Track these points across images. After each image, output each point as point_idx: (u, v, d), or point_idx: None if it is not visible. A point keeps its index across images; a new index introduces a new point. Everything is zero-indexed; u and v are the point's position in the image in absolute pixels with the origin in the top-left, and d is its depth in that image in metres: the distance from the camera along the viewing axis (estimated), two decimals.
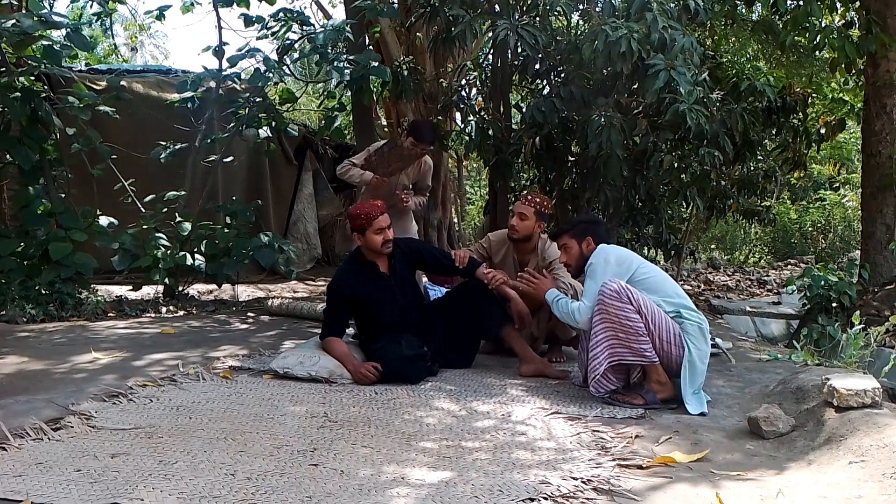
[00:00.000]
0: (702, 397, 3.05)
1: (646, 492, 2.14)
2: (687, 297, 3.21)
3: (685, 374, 3.01)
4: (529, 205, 3.94)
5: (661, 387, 3.06)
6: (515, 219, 3.95)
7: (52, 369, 3.46)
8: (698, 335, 3.06)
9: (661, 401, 3.04)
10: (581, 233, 3.35)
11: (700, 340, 3.06)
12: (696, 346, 3.04)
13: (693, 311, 3.13)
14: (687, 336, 3.05)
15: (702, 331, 3.08)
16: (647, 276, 3.17)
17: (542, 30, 5.52)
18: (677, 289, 3.22)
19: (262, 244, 5.86)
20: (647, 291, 3.09)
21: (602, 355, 3.00)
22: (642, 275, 3.16)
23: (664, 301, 3.11)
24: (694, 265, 10.95)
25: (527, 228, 3.93)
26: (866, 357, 3.44)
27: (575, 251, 3.35)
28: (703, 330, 3.09)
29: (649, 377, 3.07)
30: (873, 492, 2.02)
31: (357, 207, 3.68)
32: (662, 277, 3.24)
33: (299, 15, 5.94)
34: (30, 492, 2.01)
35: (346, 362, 3.41)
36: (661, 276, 3.25)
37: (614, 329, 2.98)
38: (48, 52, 5.18)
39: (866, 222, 6.93)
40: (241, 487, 2.08)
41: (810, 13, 6.18)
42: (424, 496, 2.05)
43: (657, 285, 3.16)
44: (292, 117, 8.34)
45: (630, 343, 2.98)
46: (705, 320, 3.15)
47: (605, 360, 3.00)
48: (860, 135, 7.74)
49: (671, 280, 3.28)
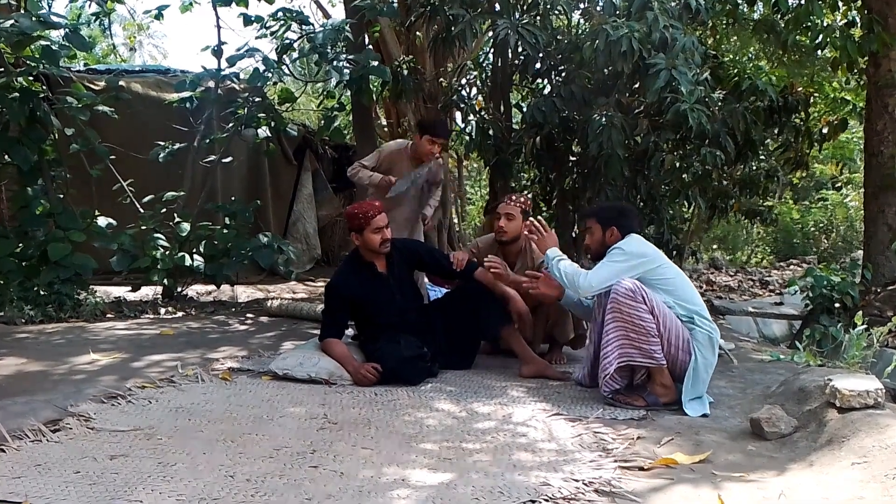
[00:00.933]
0: (703, 401, 3.03)
1: (647, 493, 2.13)
2: (703, 306, 3.18)
3: (688, 382, 3.00)
4: (515, 205, 3.92)
5: (664, 390, 3.04)
6: (503, 221, 3.92)
7: (50, 370, 3.45)
8: (707, 345, 3.04)
9: (663, 404, 3.02)
10: (607, 221, 3.27)
11: (708, 350, 3.03)
12: (703, 354, 3.01)
13: (706, 320, 3.09)
14: (696, 344, 3.03)
15: (711, 341, 3.05)
16: (666, 277, 3.12)
17: (542, 29, 5.51)
18: (695, 295, 3.18)
19: (262, 245, 5.85)
20: (664, 293, 3.06)
21: (612, 355, 2.98)
22: (660, 275, 3.11)
23: (679, 304, 3.07)
24: (696, 265, 10.94)
25: (515, 229, 3.92)
26: (869, 358, 3.42)
27: (598, 237, 3.28)
28: (713, 340, 3.06)
29: (654, 379, 3.06)
30: (875, 493, 2.01)
31: (355, 207, 3.67)
32: (682, 280, 3.19)
33: (298, 14, 5.93)
34: (28, 493, 2.00)
35: (345, 363, 3.40)
36: (681, 278, 3.19)
37: (626, 329, 2.96)
38: (47, 53, 5.17)
39: (868, 222, 6.91)
40: (240, 489, 2.07)
41: (812, 12, 6.17)
42: (425, 498, 2.03)
43: (675, 288, 3.11)
44: (292, 117, 8.33)
45: (640, 344, 2.95)
46: (717, 330, 3.12)
47: (615, 361, 2.98)
48: (862, 134, 7.74)
49: (691, 285, 3.24)
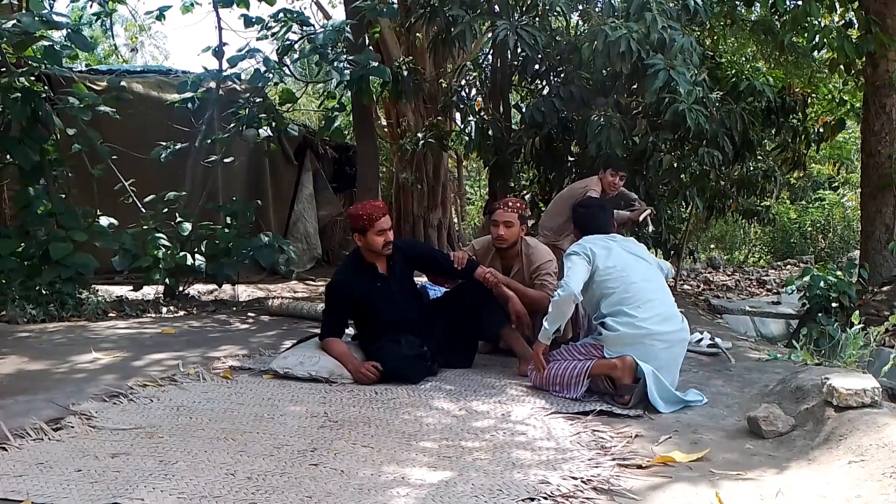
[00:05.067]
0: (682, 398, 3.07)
1: (645, 491, 2.14)
2: (630, 300, 3.15)
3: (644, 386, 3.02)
4: (513, 211, 3.91)
5: (617, 371, 3.05)
6: (502, 228, 3.88)
7: (52, 369, 3.46)
8: (617, 344, 3.09)
9: (633, 383, 3.03)
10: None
11: (621, 348, 3.07)
12: (615, 354, 3.08)
13: (625, 317, 3.10)
14: (606, 350, 3.11)
15: (621, 338, 3.08)
16: (608, 277, 3.21)
17: (541, 30, 5.53)
18: (636, 292, 3.18)
19: (263, 244, 5.86)
20: (604, 289, 3.18)
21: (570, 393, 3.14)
22: (605, 274, 3.21)
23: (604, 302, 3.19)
24: (693, 265, 10.97)
25: (514, 235, 3.92)
26: (866, 357, 3.45)
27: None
28: (626, 335, 3.07)
29: (608, 374, 3.10)
30: (873, 491, 2.02)
31: (358, 208, 3.65)
32: (623, 276, 3.21)
33: (299, 15, 5.94)
34: (30, 492, 2.01)
35: (346, 362, 3.41)
36: (623, 273, 3.22)
37: (549, 383, 3.22)
38: (48, 53, 5.18)
39: (865, 222, 6.93)
40: (241, 487, 2.08)
41: (809, 13, 6.19)
42: (424, 496, 2.05)
43: (612, 285, 3.20)
44: (292, 117, 8.34)
45: (564, 377, 3.16)
46: (640, 325, 3.09)
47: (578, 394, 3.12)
48: (859, 134, 7.75)
49: (636, 281, 3.22)
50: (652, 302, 3.17)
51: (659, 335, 3.10)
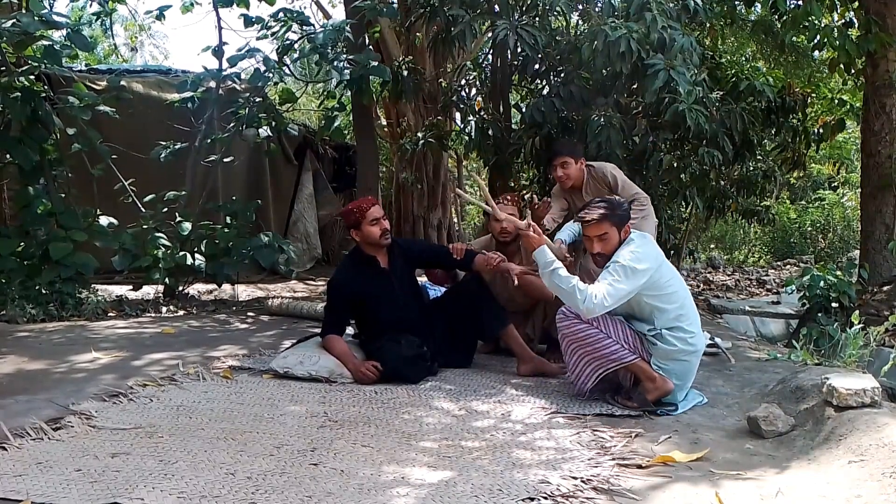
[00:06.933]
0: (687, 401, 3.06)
1: (645, 491, 2.14)
2: (686, 316, 3.06)
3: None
4: (512, 204, 3.94)
5: (652, 384, 2.99)
6: (505, 223, 3.90)
7: (52, 369, 3.46)
8: (667, 358, 3.00)
9: (653, 403, 2.99)
10: (622, 219, 3.04)
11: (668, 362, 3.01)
12: (662, 366, 3.01)
13: (682, 333, 3.00)
14: (654, 360, 3.01)
15: (675, 353, 2.99)
16: (664, 293, 3.03)
17: (541, 30, 5.53)
18: (689, 308, 3.09)
19: (262, 244, 5.86)
20: (661, 303, 3.01)
21: (584, 374, 3.04)
22: (659, 290, 3.02)
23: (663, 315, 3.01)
24: (693, 265, 10.98)
25: (514, 228, 3.92)
26: (865, 356, 3.45)
27: (614, 242, 3.03)
28: (681, 352, 3.00)
29: (640, 377, 3.03)
30: (873, 491, 2.02)
31: (349, 205, 3.75)
32: (679, 292, 3.09)
33: (299, 15, 5.94)
34: (30, 491, 2.01)
35: (346, 361, 3.42)
36: (678, 289, 3.09)
37: (580, 346, 3.02)
38: (48, 52, 5.18)
39: (865, 222, 6.93)
40: (241, 487, 2.08)
41: (810, 13, 6.19)
42: (425, 496, 2.05)
43: (670, 302, 3.04)
44: (292, 117, 8.35)
45: (601, 351, 2.99)
46: (693, 342, 3.02)
47: (588, 380, 3.04)
48: (859, 134, 7.75)
49: (688, 296, 3.15)
50: (698, 318, 3.15)
51: (700, 352, 3.12)
